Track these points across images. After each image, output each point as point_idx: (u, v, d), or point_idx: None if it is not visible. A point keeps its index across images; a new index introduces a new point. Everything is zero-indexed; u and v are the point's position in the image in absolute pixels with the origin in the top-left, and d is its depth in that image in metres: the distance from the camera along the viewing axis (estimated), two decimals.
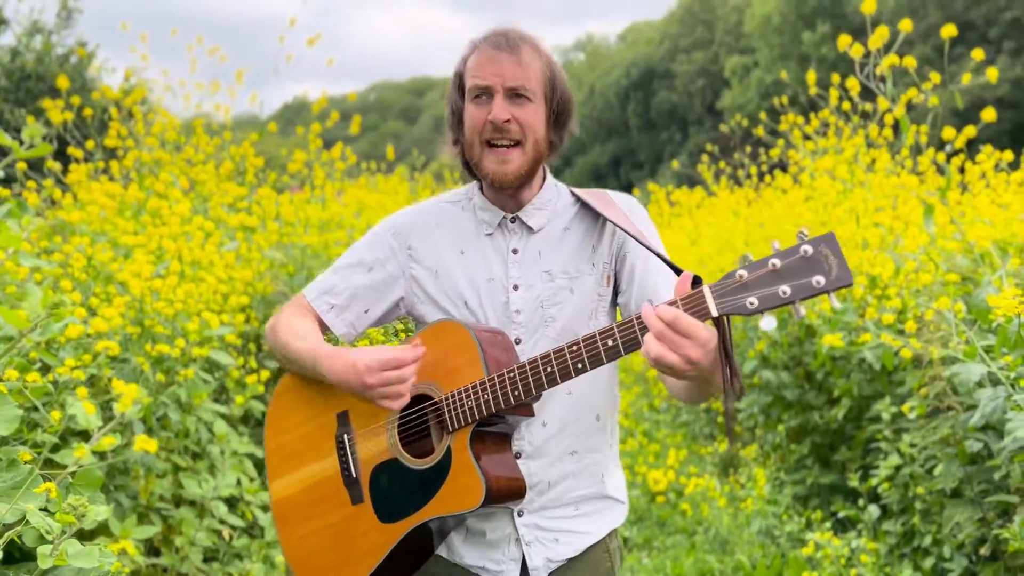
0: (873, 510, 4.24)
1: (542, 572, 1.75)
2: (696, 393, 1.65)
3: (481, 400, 1.66)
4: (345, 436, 1.81)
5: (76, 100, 3.70)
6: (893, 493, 4.04)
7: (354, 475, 1.78)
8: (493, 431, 1.73)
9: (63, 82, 4.03)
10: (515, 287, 1.77)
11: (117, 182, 3.73)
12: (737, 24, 38.64)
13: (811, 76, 4.87)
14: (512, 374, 1.64)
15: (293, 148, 5.15)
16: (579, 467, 1.78)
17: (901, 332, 3.18)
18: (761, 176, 7.11)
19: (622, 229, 1.76)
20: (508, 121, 1.71)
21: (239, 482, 3.84)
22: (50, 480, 2.16)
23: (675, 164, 8.48)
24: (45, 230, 2.93)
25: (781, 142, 6.39)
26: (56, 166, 3.92)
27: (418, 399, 1.76)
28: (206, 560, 3.56)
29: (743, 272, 1.42)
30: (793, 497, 4.93)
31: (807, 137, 6.53)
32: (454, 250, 1.80)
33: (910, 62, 3.31)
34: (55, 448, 2.79)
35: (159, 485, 3.45)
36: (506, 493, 1.70)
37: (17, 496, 1.95)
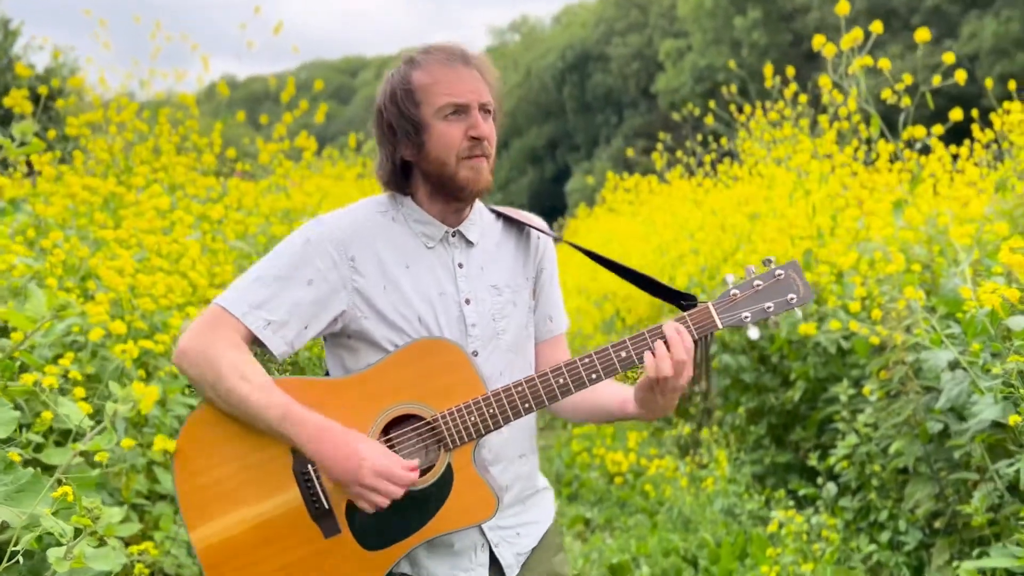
0: (831, 487, 4.44)
1: (515, 568, 1.82)
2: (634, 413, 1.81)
3: (487, 415, 1.69)
4: (309, 467, 1.69)
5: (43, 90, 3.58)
6: (851, 471, 4.23)
7: (327, 506, 1.69)
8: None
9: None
10: (467, 301, 1.78)
11: (90, 174, 3.64)
12: (671, 8, 39.05)
13: (768, 69, 5.01)
14: (521, 388, 1.70)
15: (242, 134, 5.07)
16: (526, 468, 1.87)
17: (867, 319, 3.34)
18: (714, 165, 7.29)
19: (549, 235, 1.92)
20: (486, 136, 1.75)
21: None
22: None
23: (630, 152, 8.62)
24: (24, 224, 2.85)
25: (742, 133, 6.55)
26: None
27: (401, 420, 1.73)
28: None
29: (735, 291, 1.73)
30: (752, 476, 5.12)
31: (743, 125, 6.73)
32: (399, 264, 1.76)
33: (867, 61, 3.45)
34: (37, 447, 2.75)
35: (136, 481, 3.42)
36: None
37: (37, 501, 1.93)
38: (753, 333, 1.72)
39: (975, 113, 4.67)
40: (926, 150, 4.61)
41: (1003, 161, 4.87)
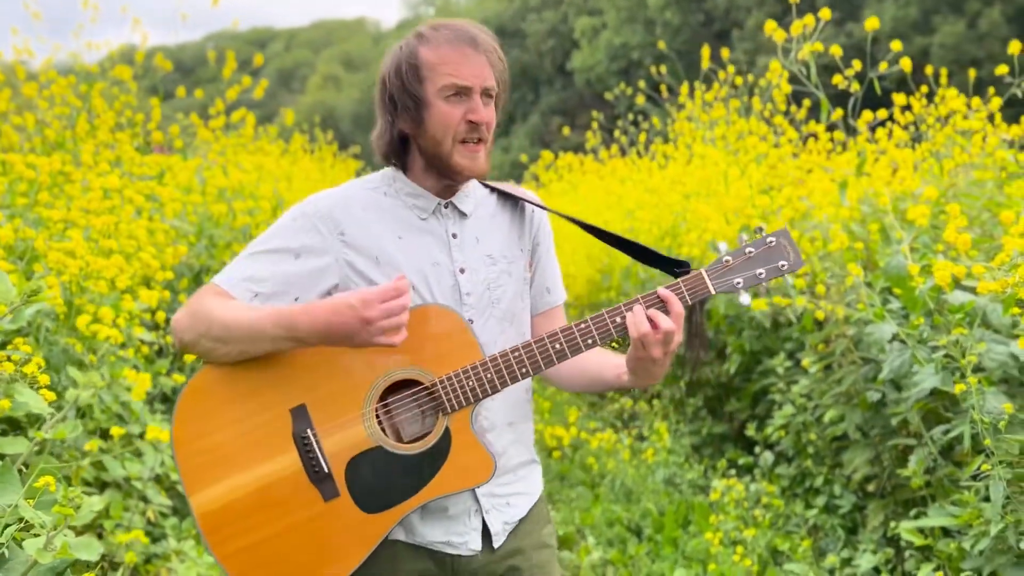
0: (768, 456, 4.64)
1: (501, 536, 1.86)
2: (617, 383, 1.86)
3: (484, 379, 1.73)
4: (308, 430, 1.72)
5: None
6: (788, 440, 4.43)
7: (326, 470, 1.72)
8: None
9: None
10: (461, 270, 1.82)
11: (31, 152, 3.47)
12: None
13: (705, 50, 5.12)
14: (518, 353, 1.74)
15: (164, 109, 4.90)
16: (516, 437, 1.91)
17: (812, 294, 3.49)
18: (647, 144, 7.42)
19: (547, 209, 1.95)
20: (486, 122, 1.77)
21: (163, 462, 3.74)
22: None
23: (566, 131, 8.70)
24: None
25: (679, 114, 6.67)
26: None
27: (398, 385, 1.75)
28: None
29: (728, 258, 1.77)
30: (690, 447, 5.29)
31: (674, 104, 6.85)
32: (391, 236, 1.79)
33: (822, 49, 3.57)
34: None
35: (84, 470, 3.32)
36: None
37: (18, 492, 1.87)
38: (744, 299, 1.76)
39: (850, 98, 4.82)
40: (853, 132, 4.82)
41: (920, 142, 5.12)
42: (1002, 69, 3.59)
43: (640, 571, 4.19)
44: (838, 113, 3.97)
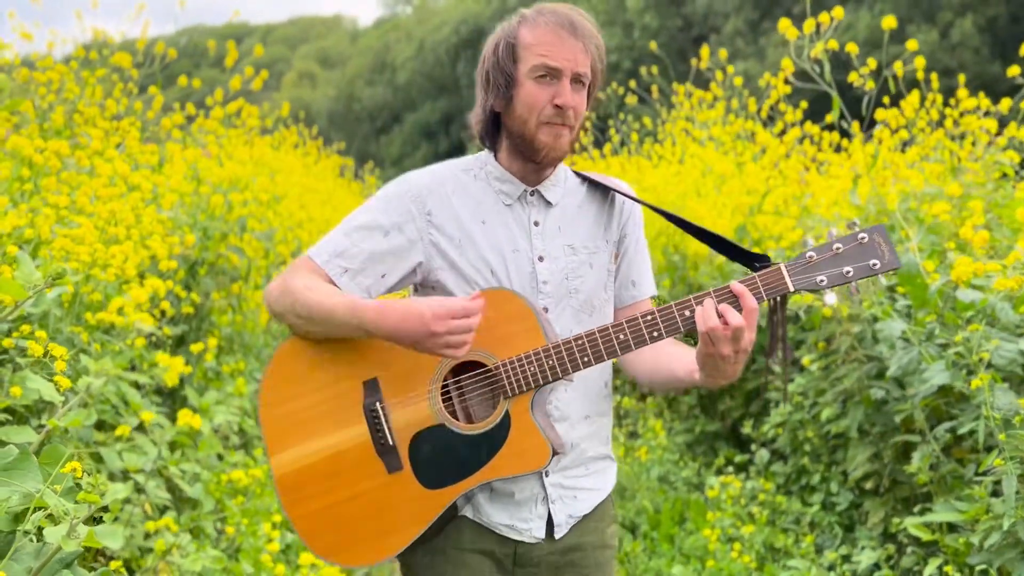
0: (764, 454, 4.67)
1: (564, 528, 1.86)
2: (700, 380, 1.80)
3: (546, 366, 1.73)
4: (377, 404, 1.77)
5: None
6: (784, 437, 4.46)
7: (391, 443, 1.76)
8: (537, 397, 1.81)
9: None
10: (540, 259, 1.83)
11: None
12: None
13: (705, 51, 5.15)
14: (581, 341, 1.73)
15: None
16: (592, 430, 1.90)
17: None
18: (640, 143, 7.45)
19: (639, 201, 1.93)
20: (572, 106, 1.77)
21: (160, 454, 3.68)
22: None
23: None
24: None
25: (673, 113, 6.69)
26: None
27: (465, 366, 1.79)
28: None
29: (812, 254, 1.68)
30: (684, 445, 5.32)
31: (666, 104, 6.88)
32: (475, 219, 1.83)
33: (837, 47, 3.60)
34: None
35: (84, 461, 3.26)
36: (556, 453, 1.81)
37: (42, 480, 1.83)
38: (830, 299, 1.66)
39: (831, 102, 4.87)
40: (848, 135, 4.87)
41: (912, 145, 5.18)
42: (1014, 70, 3.64)
43: (637, 568, 4.20)
44: (833, 115, 4.01)
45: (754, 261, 1.75)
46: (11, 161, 2.96)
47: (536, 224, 1.85)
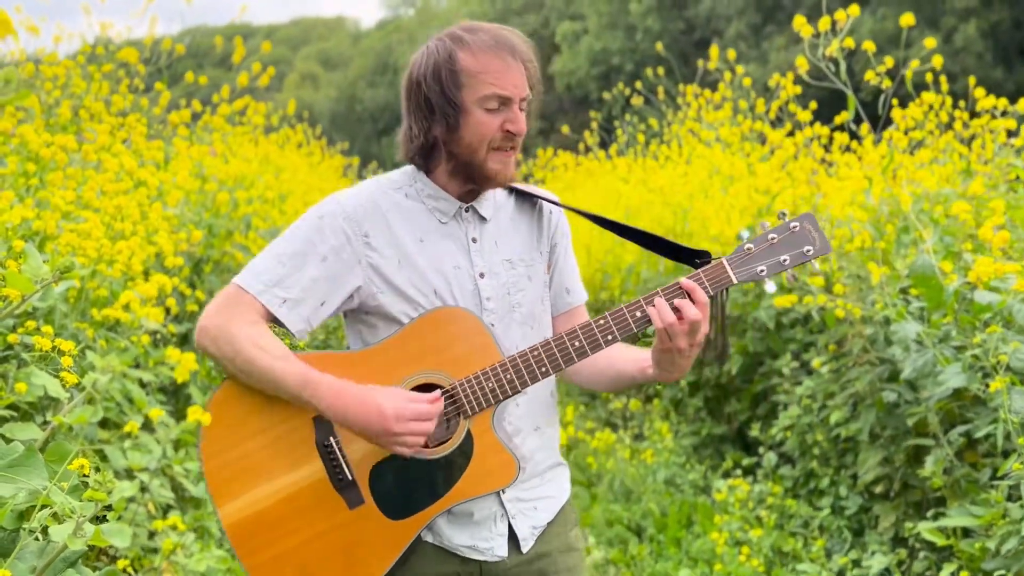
0: (771, 457, 4.63)
1: (529, 541, 1.83)
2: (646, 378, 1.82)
3: (504, 380, 1.71)
4: (331, 439, 1.71)
5: None
6: (793, 440, 4.43)
7: (350, 477, 1.70)
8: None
9: None
10: (481, 275, 1.79)
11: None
12: None
13: (714, 51, 5.12)
14: (537, 352, 1.72)
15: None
16: (542, 441, 1.88)
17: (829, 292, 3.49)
18: (646, 145, 7.43)
19: (564, 207, 1.92)
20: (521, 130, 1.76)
21: (165, 452, 3.65)
22: None
23: (565, 129, 8.68)
24: None
25: (679, 115, 6.66)
26: None
27: (421, 389, 1.74)
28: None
29: (750, 246, 1.73)
30: (691, 447, 5.28)
31: (672, 105, 6.85)
32: (413, 238, 1.78)
33: (853, 45, 3.57)
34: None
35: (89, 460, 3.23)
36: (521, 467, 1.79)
37: (48, 477, 1.79)
38: (770, 287, 1.73)
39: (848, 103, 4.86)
40: (857, 137, 4.84)
41: (920, 148, 5.15)
42: None
43: (643, 571, 4.16)
44: (844, 116, 3.98)
45: (695, 257, 1.77)
46: (17, 156, 2.93)
47: (474, 240, 1.81)
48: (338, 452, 1.70)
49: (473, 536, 1.79)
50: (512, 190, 1.91)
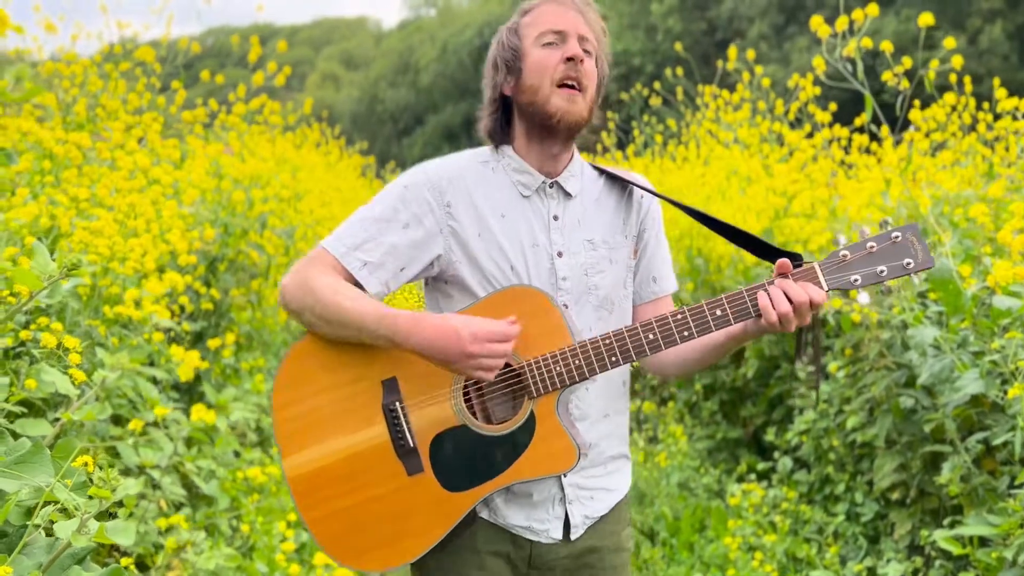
0: (787, 461, 4.58)
1: (580, 529, 1.82)
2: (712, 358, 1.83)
3: (572, 366, 1.69)
4: (396, 404, 1.72)
5: None
6: (808, 445, 4.38)
7: (411, 445, 1.72)
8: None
9: None
10: (559, 254, 1.79)
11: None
12: None
13: (733, 51, 5.08)
14: (609, 341, 1.70)
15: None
16: (610, 429, 1.86)
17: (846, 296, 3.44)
18: (664, 145, 7.39)
19: (660, 196, 1.89)
20: (582, 61, 1.75)
21: (176, 450, 3.66)
22: None
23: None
24: None
25: (697, 115, 6.62)
26: None
27: None
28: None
29: (846, 252, 1.66)
30: (705, 451, 5.24)
31: (691, 106, 6.79)
32: (495, 212, 1.78)
33: (867, 43, 3.52)
34: (8, 417, 2.58)
35: (100, 456, 3.24)
36: (581, 455, 1.76)
37: (54, 474, 1.79)
38: (863, 298, 1.65)
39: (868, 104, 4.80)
40: (878, 139, 4.78)
41: (942, 150, 5.08)
42: None
43: (655, 575, 4.13)
44: (866, 116, 3.92)
45: (786, 259, 1.70)
46: (32, 153, 2.94)
47: (556, 218, 1.81)
48: (402, 417, 1.72)
49: (529, 517, 1.79)
50: (603, 172, 1.90)
